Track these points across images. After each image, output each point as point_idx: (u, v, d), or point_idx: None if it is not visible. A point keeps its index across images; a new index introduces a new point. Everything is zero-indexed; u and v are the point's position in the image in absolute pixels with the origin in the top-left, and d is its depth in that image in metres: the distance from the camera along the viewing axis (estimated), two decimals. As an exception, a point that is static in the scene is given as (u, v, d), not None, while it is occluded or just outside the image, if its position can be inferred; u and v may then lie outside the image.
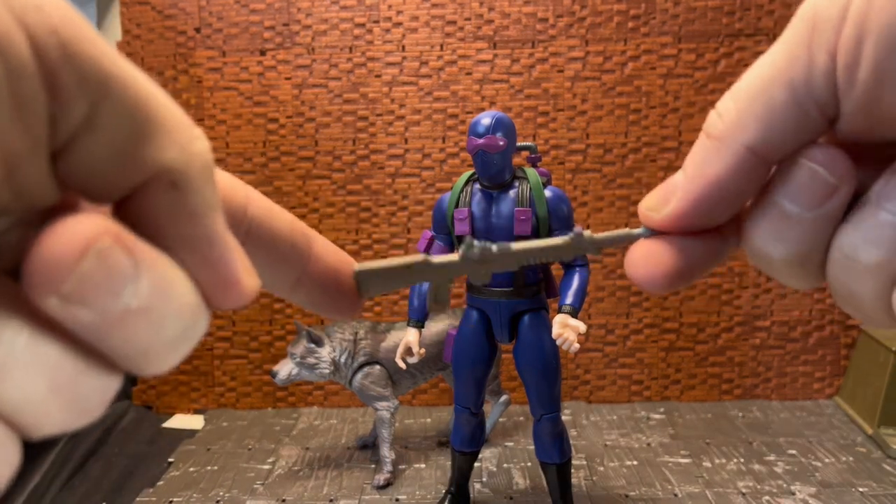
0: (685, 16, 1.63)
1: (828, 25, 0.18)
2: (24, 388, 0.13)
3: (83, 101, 0.13)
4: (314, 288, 0.22)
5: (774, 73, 0.19)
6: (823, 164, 0.19)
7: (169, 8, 1.66)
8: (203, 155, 0.16)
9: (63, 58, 0.13)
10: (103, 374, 0.15)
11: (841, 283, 0.20)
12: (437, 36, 1.65)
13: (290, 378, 1.34)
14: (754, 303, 1.70)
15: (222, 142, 1.69)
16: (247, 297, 0.17)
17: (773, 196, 0.20)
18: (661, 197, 0.22)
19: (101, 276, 0.13)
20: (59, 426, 0.14)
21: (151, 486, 1.35)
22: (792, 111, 0.18)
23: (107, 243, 0.14)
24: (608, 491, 1.30)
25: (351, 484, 1.35)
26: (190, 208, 0.15)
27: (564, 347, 1.03)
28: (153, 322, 0.14)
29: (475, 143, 1.06)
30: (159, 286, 0.14)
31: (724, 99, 0.20)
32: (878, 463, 1.39)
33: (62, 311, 0.14)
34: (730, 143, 0.19)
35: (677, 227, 0.21)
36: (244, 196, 0.20)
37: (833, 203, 0.19)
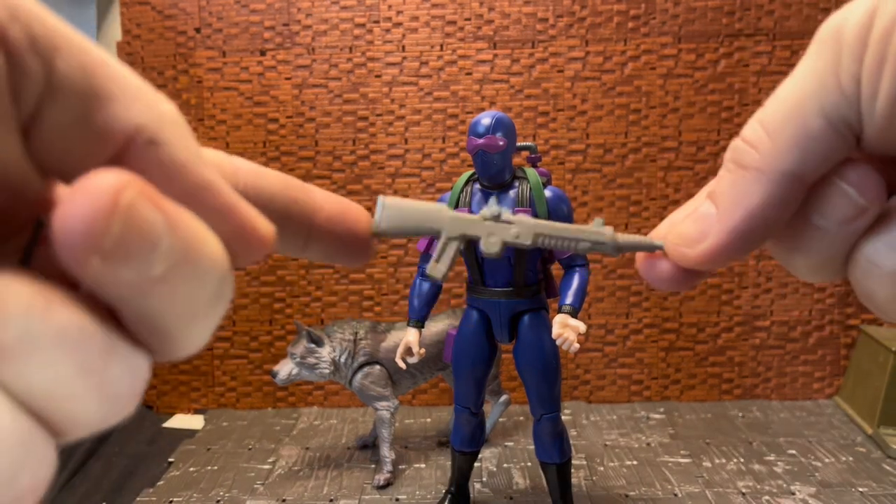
0: (685, 16, 1.63)
1: (851, 53, 0.18)
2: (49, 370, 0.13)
3: (36, 59, 0.13)
4: (325, 237, 0.22)
5: (804, 98, 0.19)
6: (856, 186, 0.19)
7: (169, 8, 1.66)
8: (171, 113, 0.15)
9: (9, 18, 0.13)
10: (131, 352, 0.14)
11: (861, 283, 0.20)
12: (437, 36, 1.66)
13: (290, 378, 1.34)
14: (754, 303, 1.70)
15: (222, 142, 1.69)
16: (266, 241, 0.16)
17: (805, 211, 0.20)
18: (696, 232, 0.21)
19: (136, 229, 0.13)
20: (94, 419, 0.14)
21: (151, 486, 1.35)
22: (827, 135, 0.19)
23: (133, 195, 0.13)
24: (608, 491, 1.30)
25: (351, 484, 1.35)
26: (178, 160, 0.15)
27: (564, 347, 1.03)
28: (194, 274, 0.14)
29: (475, 143, 1.06)
30: (191, 237, 0.14)
31: (751, 129, 0.20)
32: (877, 463, 1.39)
33: (105, 274, 0.13)
34: (770, 172, 0.19)
35: (713, 263, 0.21)
36: (230, 165, 0.20)
37: (863, 221, 0.19)
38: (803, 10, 1.61)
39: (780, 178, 0.19)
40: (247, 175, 0.20)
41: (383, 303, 1.72)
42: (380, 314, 1.72)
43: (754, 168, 0.20)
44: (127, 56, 1.69)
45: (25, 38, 0.13)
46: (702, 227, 0.21)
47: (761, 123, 0.20)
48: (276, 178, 0.21)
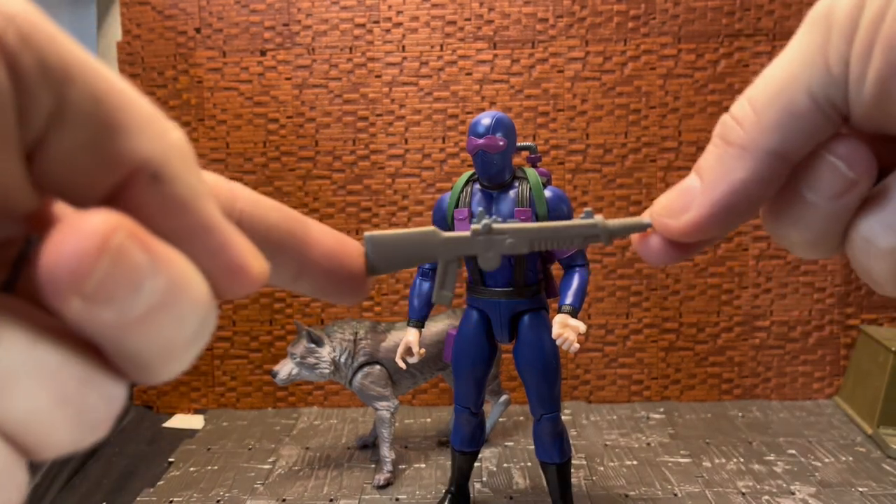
0: (685, 16, 1.63)
1: (841, 34, 0.18)
2: (26, 400, 0.13)
3: (47, 88, 0.13)
4: (317, 273, 0.21)
5: (791, 78, 0.19)
6: (844, 159, 0.19)
7: (169, 8, 1.66)
8: (180, 144, 0.15)
9: (22, 44, 0.13)
10: (109, 382, 0.14)
11: (859, 260, 0.20)
12: (437, 36, 1.66)
13: (290, 378, 1.34)
14: (754, 303, 1.70)
15: (222, 142, 1.69)
16: (256, 281, 0.16)
17: (795, 185, 0.20)
18: (679, 203, 0.22)
19: (120, 272, 0.13)
20: (67, 444, 0.14)
21: (152, 486, 1.35)
22: (813, 114, 0.19)
23: (122, 237, 0.13)
24: (608, 491, 1.30)
25: (351, 484, 1.35)
26: (178, 198, 0.15)
27: (564, 347, 1.03)
28: (174, 317, 0.14)
29: (475, 143, 1.06)
30: (176, 279, 0.14)
31: (739, 105, 0.20)
32: (877, 463, 1.39)
33: (85, 314, 0.13)
34: (754, 149, 0.20)
35: (695, 234, 0.21)
36: (229, 191, 0.20)
37: (853, 195, 0.19)
38: (803, 10, 1.61)
39: (763, 156, 0.20)
40: (244, 203, 0.19)
41: (383, 303, 1.72)
42: (380, 314, 1.72)
43: (738, 144, 0.20)
44: (127, 56, 1.69)
45: (37, 66, 0.13)
46: (685, 199, 0.21)
47: (749, 100, 0.20)
48: (274, 210, 0.20)
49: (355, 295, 0.22)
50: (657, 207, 0.22)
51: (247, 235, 0.18)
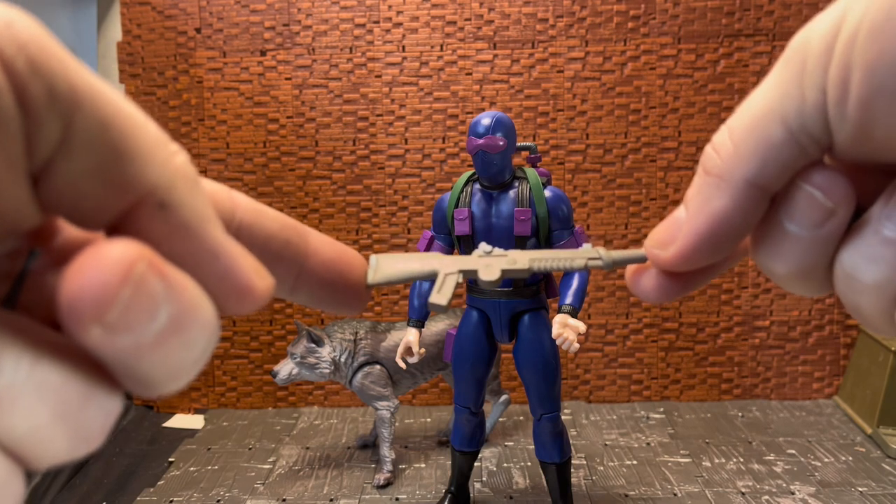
0: (685, 16, 1.64)
1: (817, 62, 0.18)
2: (28, 417, 0.13)
3: (55, 115, 0.13)
4: (316, 283, 0.21)
5: (767, 109, 0.19)
6: (821, 189, 0.19)
7: (169, 8, 1.66)
8: (185, 169, 0.16)
9: (31, 73, 0.13)
10: (106, 397, 0.15)
11: (845, 296, 0.20)
12: (437, 36, 1.66)
13: (290, 378, 1.34)
14: (754, 303, 1.70)
15: (222, 142, 1.69)
16: (261, 299, 0.17)
17: (776, 216, 0.20)
18: (666, 234, 0.22)
19: (140, 302, 0.13)
20: (63, 456, 0.14)
21: (152, 486, 1.35)
22: (787, 145, 0.19)
23: (143, 268, 0.14)
24: (608, 490, 1.30)
25: (351, 483, 1.35)
26: (184, 225, 0.15)
27: (564, 347, 1.03)
28: (184, 341, 0.14)
29: (475, 143, 1.06)
30: (187, 306, 0.14)
31: (719, 135, 0.20)
32: (877, 462, 1.39)
33: (103, 341, 0.13)
34: (729, 179, 0.20)
35: (683, 264, 0.21)
36: (229, 200, 0.20)
37: (832, 224, 0.19)
38: (803, 10, 1.61)
39: (740, 185, 0.20)
40: (244, 213, 0.20)
41: (383, 303, 1.72)
42: (380, 314, 1.72)
43: (716, 174, 0.20)
44: (127, 56, 1.69)
45: (45, 93, 0.13)
46: (672, 231, 0.21)
47: (729, 130, 0.20)
48: (274, 219, 0.20)
49: (353, 306, 0.22)
50: (649, 240, 0.23)
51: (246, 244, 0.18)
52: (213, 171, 1.69)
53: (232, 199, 0.20)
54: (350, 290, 0.22)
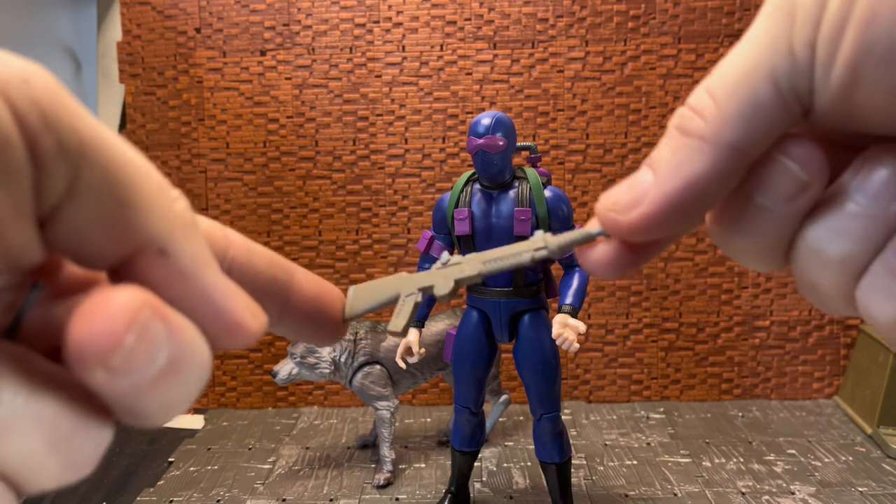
0: (685, 16, 1.64)
1: (807, 16, 0.17)
2: (23, 446, 0.14)
3: (63, 166, 0.14)
4: (298, 318, 0.22)
5: (754, 65, 0.18)
6: (798, 161, 0.18)
7: (169, 8, 1.66)
8: (184, 215, 0.16)
9: (43, 126, 0.14)
10: (97, 428, 0.15)
11: (804, 272, 0.19)
12: (437, 36, 1.66)
13: (290, 378, 1.34)
14: (754, 303, 1.70)
15: (222, 142, 1.69)
16: (254, 336, 0.18)
17: (743, 187, 0.19)
18: (628, 198, 0.20)
19: (143, 347, 0.14)
20: (53, 482, 0.15)
21: (152, 486, 1.35)
22: (776, 105, 0.18)
23: (147, 315, 0.14)
24: (608, 490, 1.30)
25: (351, 483, 1.35)
26: (183, 270, 0.16)
27: (564, 347, 1.03)
28: (180, 381, 0.15)
29: (475, 143, 1.06)
30: (185, 347, 0.15)
31: (697, 96, 0.19)
32: (877, 462, 1.39)
33: (106, 383, 0.14)
34: (715, 142, 0.18)
35: (646, 231, 0.20)
36: (223, 237, 0.20)
37: (804, 199, 0.19)
38: (803, 10, 1.61)
39: (724, 149, 0.18)
40: (236, 251, 0.20)
41: (383, 303, 1.72)
42: (380, 314, 1.72)
43: (698, 136, 0.19)
44: (127, 56, 1.69)
45: (55, 146, 0.14)
46: (636, 193, 0.20)
47: (708, 90, 0.19)
48: (263, 257, 0.21)
49: (331, 339, 0.23)
50: (605, 203, 0.21)
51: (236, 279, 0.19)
52: (213, 171, 1.70)
53: (226, 236, 0.20)
54: (329, 324, 0.23)
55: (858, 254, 0.18)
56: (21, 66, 0.14)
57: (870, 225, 0.18)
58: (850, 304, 0.19)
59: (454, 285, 0.24)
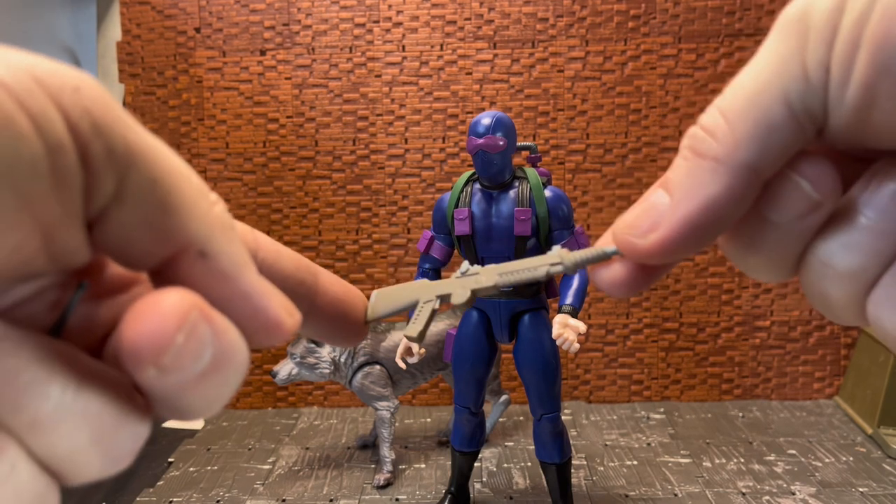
0: (685, 16, 1.63)
1: (820, 37, 0.17)
2: (69, 439, 0.15)
3: (111, 172, 0.15)
4: (322, 319, 0.23)
5: (766, 86, 0.18)
6: (810, 179, 0.18)
7: (169, 8, 1.66)
8: (223, 218, 0.17)
9: (94, 134, 0.14)
10: (137, 423, 0.16)
11: (815, 284, 0.19)
12: (437, 36, 1.66)
13: (290, 378, 1.34)
14: (754, 303, 1.70)
15: (222, 142, 1.69)
16: (289, 334, 0.18)
17: (758, 205, 0.19)
18: (646, 221, 0.20)
19: (191, 346, 0.15)
20: (95, 475, 0.16)
21: (151, 486, 1.35)
22: (789, 125, 0.18)
23: (195, 316, 0.15)
24: (608, 491, 1.30)
25: (351, 484, 1.35)
26: (222, 271, 0.17)
27: (564, 347, 1.03)
28: (222, 379, 0.16)
29: (475, 143, 1.06)
30: (227, 347, 0.16)
31: (710, 116, 0.19)
32: (877, 463, 1.39)
33: (156, 380, 0.15)
34: (729, 163, 0.18)
35: (664, 254, 0.20)
36: (253, 241, 0.21)
37: (816, 217, 0.19)
38: (803, 9, 1.61)
39: (739, 170, 0.18)
40: (266, 253, 0.21)
41: (383, 303, 1.72)
42: (380, 314, 1.72)
43: (712, 157, 0.19)
44: (127, 56, 1.69)
45: (104, 152, 0.15)
46: (653, 217, 0.20)
47: (720, 111, 0.19)
48: (291, 260, 0.22)
49: (354, 340, 0.25)
50: (621, 226, 0.21)
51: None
52: (212, 170, 1.69)
53: (256, 239, 0.21)
54: (351, 325, 0.24)
55: (869, 267, 0.18)
56: (72, 74, 0.15)
57: (880, 238, 0.18)
58: (860, 315, 0.19)
59: (471, 295, 0.24)
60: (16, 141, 0.13)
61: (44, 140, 0.14)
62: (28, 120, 0.13)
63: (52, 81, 0.14)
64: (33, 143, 0.13)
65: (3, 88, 0.13)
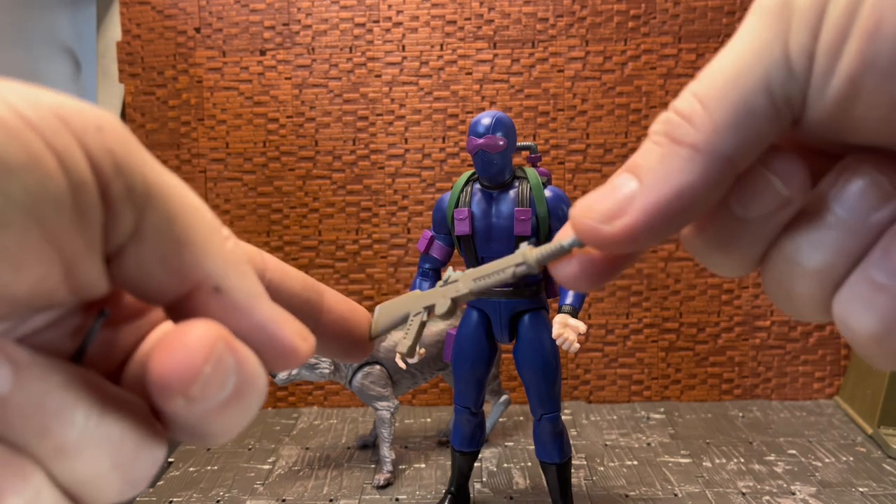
0: (685, 16, 1.63)
1: (804, 23, 0.16)
2: (91, 465, 0.15)
3: (130, 209, 0.15)
4: (328, 337, 0.24)
5: (745, 71, 0.17)
6: (781, 176, 0.18)
7: (169, 8, 1.66)
8: (236, 253, 0.18)
9: (115, 173, 0.15)
10: (155, 447, 0.17)
11: (779, 281, 0.19)
12: (437, 36, 1.66)
13: (290, 378, 1.34)
14: (754, 303, 1.70)
15: (222, 142, 1.69)
16: (304, 358, 0.19)
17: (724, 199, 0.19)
18: (611, 206, 0.19)
19: (217, 376, 0.16)
20: (113, 499, 0.16)
21: (151, 486, 1.35)
22: (768, 115, 0.17)
23: (221, 348, 0.16)
24: (608, 491, 1.30)
25: (351, 484, 1.35)
26: (236, 305, 0.17)
27: (564, 347, 1.03)
28: (244, 406, 0.17)
29: (475, 143, 1.06)
30: (249, 377, 0.17)
31: (685, 100, 0.18)
32: (878, 463, 1.39)
33: (183, 410, 0.16)
34: (708, 151, 0.17)
35: (630, 242, 0.19)
36: (262, 262, 0.22)
37: (785, 213, 0.18)
38: (803, 9, 1.61)
39: (716, 158, 0.17)
40: (273, 273, 0.22)
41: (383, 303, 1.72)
42: (380, 314, 1.72)
43: (689, 144, 0.18)
44: (127, 56, 1.69)
45: (124, 190, 0.15)
46: (619, 202, 0.18)
47: (697, 96, 0.18)
48: (297, 280, 0.23)
49: (359, 356, 0.25)
50: (582, 210, 0.19)
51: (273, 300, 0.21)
52: (212, 170, 1.69)
53: (264, 260, 0.22)
54: (356, 342, 0.25)
55: (836, 265, 0.18)
56: (96, 114, 0.15)
57: (848, 236, 0.17)
58: (824, 313, 0.19)
59: (451, 304, 0.25)
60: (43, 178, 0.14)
61: (68, 177, 0.14)
62: (54, 158, 0.14)
63: (76, 121, 0.14)
64: (58, 180, 0.14)
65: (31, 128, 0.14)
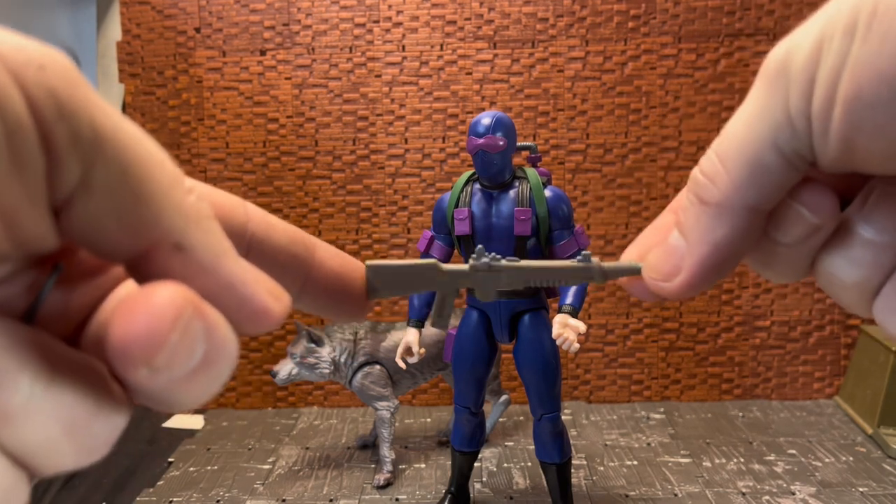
0: (685, 16, 1.63)
1: (800, 91, 0.18)
2: (40, 432, 0.14)
3: (77, 158, 0.14)
4: (319, 293, 0.22)
5: (756, 136, 0.19)
6: (808, 206, 0.20)
7: (169, 8, 1.66)
8: (198, 207, 0.16)
9: (58, 117, 0.13)
10: (113, 413, 0.15)
11: (827, 290, 0.22)
12: (437, 36, 1.66)
13: (290, 378, 1.34)
14: (754, 303, 1.70)
15: (222, 142, 1.69)
16: (278, 320, 0.18)
17: (766, 229, 0.21)
18: (668, 266, 0.22)
19: (184, 345, 0.14)
20: (68, 466, 0.15)
21: (151, 486, 1.35)
22: (782, 167, 0.19)
23: (189, 314, 0.15)
24: (608, 491, 1.30)
25: (351, 484, 1.35)
26: (200, 264, 0.16)
27: (564, 347, 1.03)
28: (213, 374, 0.16)
29: (475, 143, 1.06)
30: (219, 343, 0.16)
31: (708, 161, 0.21)
32: (877, 463, 1.39)
33: (147, 380, 0.14)
34: (731, 207, 0.20)
35: (690, 293, 0.22)
36: (243, 213, 0.20)
37: (818, 238, 0.20)
38: (803, 9, 1.61)
39: (740, 212, 0.20)
40: (256, 226, 0.20)
41: (383, 302, 1.72)
42: (380, 314, 1.72)
43: (715, 203, 0.20)
44: (127, 56, 1.69)
45: (69, 137, 0.14)
46: (674, 261, 0.22)
47: (718, 155, 0.20)
48: (284, 233, 0.21)
49: (355, 314, 0.23)
50: (649, 270, 0.23)
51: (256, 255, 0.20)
52: (212, 170, 1.69)
53: (246, 212, 0.20)
54: (351, 301, 0.23)
55: (872, 277, 0.20)
56: (38, 51, 0.13)
57: (879, 254, 0.20)
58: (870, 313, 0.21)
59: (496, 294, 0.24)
60: None
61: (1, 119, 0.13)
62: None
63: (14, 57, 0.13)
64: None
65: None
